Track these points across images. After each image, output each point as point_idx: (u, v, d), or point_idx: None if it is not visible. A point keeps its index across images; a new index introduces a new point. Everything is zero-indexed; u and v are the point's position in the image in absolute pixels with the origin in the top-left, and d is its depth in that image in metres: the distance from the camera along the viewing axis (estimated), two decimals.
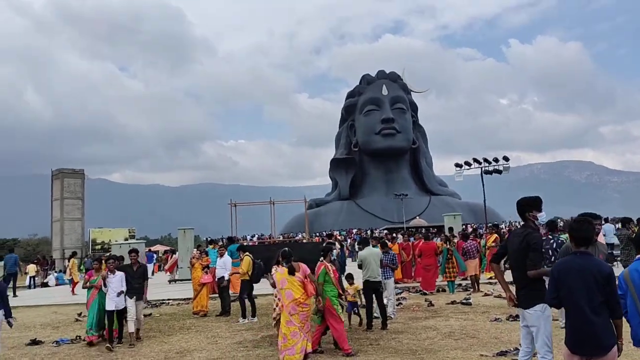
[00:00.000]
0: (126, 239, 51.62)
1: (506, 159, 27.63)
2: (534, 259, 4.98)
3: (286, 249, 7.92)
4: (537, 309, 4.96)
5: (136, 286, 9.73)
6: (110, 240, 49.34)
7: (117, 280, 9.51)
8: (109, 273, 9.53)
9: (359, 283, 10.10)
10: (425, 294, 14.24)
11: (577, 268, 4.20)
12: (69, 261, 24.70)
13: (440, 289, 14.89)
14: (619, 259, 20.28)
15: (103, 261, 11.01)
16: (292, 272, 7.51)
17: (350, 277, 10.25)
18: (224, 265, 12.36)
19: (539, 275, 4.98)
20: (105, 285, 9.50)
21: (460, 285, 15.24)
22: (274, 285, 7.90)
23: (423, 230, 33.80)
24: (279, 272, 7.65)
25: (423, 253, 14.97)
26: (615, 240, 20.61)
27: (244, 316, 11.31)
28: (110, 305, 9.43)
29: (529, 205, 5.30)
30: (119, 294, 9.43)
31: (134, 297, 9.64)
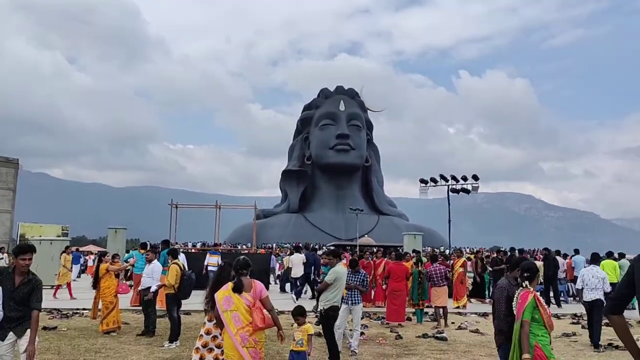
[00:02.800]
0: (58, 236, 47.82)
1: (476, 178, 26.11)
2: None
3: (242, 257, 5.82)
4: None
5: (13, 314, 5.17)
6: (41, 236, 45.47)
7: None
8: None
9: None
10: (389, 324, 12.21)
11: None
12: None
13: (406, 316, 12.96)
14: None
15: None
16: (237, 289, 5.42)
17: (301, 314, 6.72)
18: (151, 274, 10.00)
19: None
20: None
21: (427, 314, 13.36)
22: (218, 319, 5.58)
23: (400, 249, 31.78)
24: (222, 290, 5.55)
25: (392, 275, 12.76)
26: None
27: (172, 339, 9.04)
28: None
29: None
30: None
31: (9, 333, 5.15)
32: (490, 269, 17.37)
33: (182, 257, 16.42)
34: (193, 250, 33.44)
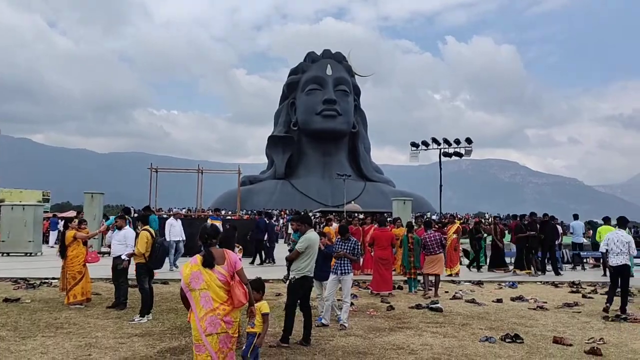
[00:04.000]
0: (39, 202, 46.62)
1: (469, 141, 25.13)
2: None
3: (209, 224, 4.95)
4: None
5: None
6: (21, 202, 44.22)
7: None
8: None
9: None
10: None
11: None
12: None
13: (396, 285, 12.28)
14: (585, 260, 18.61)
15: None
16: (209, 263, 4.58)
17: (256, 288, 5.44)
18: (124, 240, 9.11)
19: None
20: None
21: (419, 281, 12.64)
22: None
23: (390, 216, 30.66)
24: (189, 263, 4.68)
25: (376, 242, 11.97)
26: (585, 240, 18.92)
27: (143, 313, 8.23)
28: None
29: None
30: None
31: None
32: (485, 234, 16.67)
33: (178, 223, 15.64)
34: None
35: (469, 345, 6.95)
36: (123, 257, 8.88)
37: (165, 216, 21.03)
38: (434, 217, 41.22)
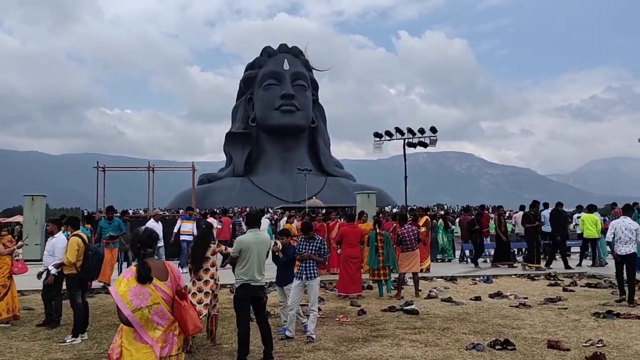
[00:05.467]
0: None
1: (434, 130, 24.25)
2: None
3: (144, 228, 3.91)
4: None
5: None
6: None
7: None
8: None
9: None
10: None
11: None
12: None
13: (365, 285, 11.34)
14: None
15: None
16: (144, 278, 3.55)
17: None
18: (52, 251, 7.85)
19: None
20: None
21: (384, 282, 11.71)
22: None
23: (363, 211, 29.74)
24: (123, 278, 3.61)
25: (345, 239, 10.82)
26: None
27: (76, 333, 7.05)
28: None
29: None
30: None
31: None
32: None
33: (159, 226, 13.59)
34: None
35: (455, 355, 6.07)
36: (50, 268, 7.65)
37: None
38: (394, 210, 40.82)
